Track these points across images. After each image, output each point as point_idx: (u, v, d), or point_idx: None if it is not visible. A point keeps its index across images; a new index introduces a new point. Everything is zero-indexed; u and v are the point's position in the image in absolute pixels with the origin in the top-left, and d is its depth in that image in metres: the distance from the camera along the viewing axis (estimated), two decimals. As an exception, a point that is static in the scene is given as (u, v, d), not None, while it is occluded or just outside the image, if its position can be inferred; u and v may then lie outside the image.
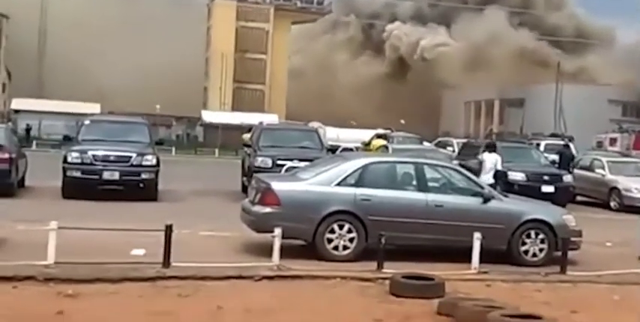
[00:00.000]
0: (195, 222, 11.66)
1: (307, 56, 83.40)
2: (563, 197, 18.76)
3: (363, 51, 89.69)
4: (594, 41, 74.47)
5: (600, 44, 73.33)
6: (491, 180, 16.60)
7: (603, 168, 21.89)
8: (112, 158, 16.91)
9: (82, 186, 16.73)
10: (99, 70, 67.53)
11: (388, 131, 41.45)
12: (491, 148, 17.79)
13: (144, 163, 17.02)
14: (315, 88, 76.62)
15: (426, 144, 32.74)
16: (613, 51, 72.81)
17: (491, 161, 17.05)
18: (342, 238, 10.62)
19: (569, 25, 78.36)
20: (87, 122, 18.94)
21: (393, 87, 78.16)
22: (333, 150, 23.18)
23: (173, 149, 46.29)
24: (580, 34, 77.23)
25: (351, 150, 29.34)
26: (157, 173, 17.22)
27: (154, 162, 17.20)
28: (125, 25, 70.25)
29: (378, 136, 29.98)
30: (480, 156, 17.63)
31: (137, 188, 17.17)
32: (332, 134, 44.37)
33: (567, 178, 20.47)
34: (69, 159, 16.83)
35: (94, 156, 16.84)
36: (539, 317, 7.18)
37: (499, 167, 17.10)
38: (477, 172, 16.54)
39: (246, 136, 33.71)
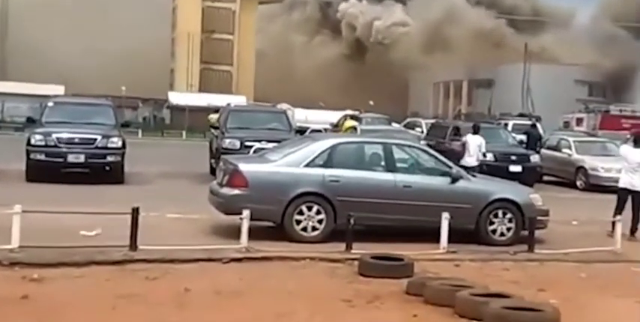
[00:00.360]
0: (163, 205, 11.51)
1: (267, 37, 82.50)
2: (530, 177, 18.93)
3: (321, 31, 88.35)
4: (551, 20, 74.10)
5: (557, 24, 73.11)
6: (475, 163, 16.63)
7: (570, 147, 22.09)
8: (76, 140, 16.66)
9: (47, 169, 16.47)
10: (62, 51, 66.49)
11: (357, 112, 41.42)
12: (475, 130, 17.73)
13: (109, 145, 16.79)
14: (278, 70, 76.01)
15: (394, 125, 32.75)
16: (571, 31, 72.72)
17: (475, 143, 17.04)
18: (310, 219, 10.59)
19: (525, 5, 77.89)
20: (50, 104, 18.60)
21: (356, 68, 77.76)
22: (301, 131, 23.06)
23: (139, 131, 45.84)
24: (537, 13, 76.68)
25: (319, 131, 29.25)
26: (122, 155, 17.01)
27: (120, 144, 16.98)
28: (89, 6, 69.23)
29: (351, 117, 29.91)
30: (463, 138, 17.62)
31: (103, 171, 16.96)
32: (300, 115, 44.19)
33: (534, 158, 20.64)
34: (32, 142, 16.56)
35: (58, 138, 16.59)
36: (507, 296, 7.23)
37: (483, 149, 17.16)
38: (461, 154, 16.59)
39: (213, 117, 33.56)
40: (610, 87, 63.71)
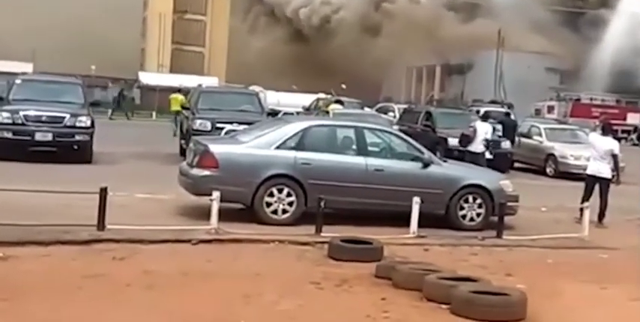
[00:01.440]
0: (132, 185, 11.41)
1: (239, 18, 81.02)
2: (501, 163, 18.98)
3: (260, 16, 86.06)
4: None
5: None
6: (483, 149, 16.90)
7: (541, 134, 22.25)
8: (44, 118, 16.43)
9: (13, 147, 16.21)
10: (31, 28, 65.35)
11: (329, 96, 41.33)
12: (484, 118, 18.14)
13: (78, 124, 16.58)
14: (247, 53, 75.12)
15: (367, 109, 32.73)
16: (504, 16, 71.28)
17: (483, 130, 17.19)
18: (281, 202, 10.55)
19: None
20: (18, 81, 18.29)
21: (319, 53, 76.68)
22: (273, 114, 22.95)
23: (109, 111, 45.31)
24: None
25: (292, 114, 29.16)
26: (91, 135, 16.81)
27: (89, 123, 16.77)
28: (61, -17, 68.06)
29: (336, 101, 29.86)
30: (473, 124, 17.71)
31: (71, 150, 16.75)
32: (273, 98, 44.01)
33: (506, 145, 20.74)
34: (-1, 120, 16.29)
35: (25, 116, 16.34)
36: (475, 280, 7.27)
37: (489, 136, 17.37)
38: (472, 139, 16.90)
39: (174, 96, 33.36)
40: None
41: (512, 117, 25.69)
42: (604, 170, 12.38)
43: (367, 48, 68.59)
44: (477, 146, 16.93)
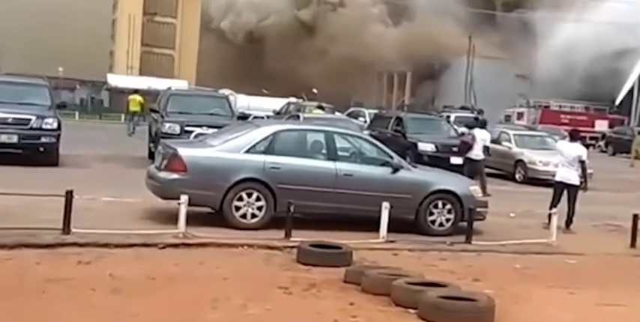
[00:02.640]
0: (98, 188, 11.25)
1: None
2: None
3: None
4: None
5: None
6: (482, 156, 17.25)
7: (510, 141, 22.40)
8: (9, 120, 16.14)
9: (-22, 150, 15.95)
10: (-3, 29, 64.57)
11: (300, 100, 41.34)
12: (482, 125, 18.40)
13: (44, 127, 16.32)
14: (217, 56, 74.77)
15: (337, 114, 32.77)
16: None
17: (482, 137, 17.48)
18: (250, 206, 10.47)
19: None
20: (-17, 83, 18.00)
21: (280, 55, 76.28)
22: (243, 117, 22.86)
23: (76, 113, 44.90)
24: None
25: (262, 118, 29.08)
26: (58, 137, 16.56)
27: (55, 125, 16.52)
28: (29, -17, 67.30)
29: (318, 107, 29.91)
30: (472, 131, 18.03)
31: (37, 152, 16.50)
32: (243, 102, 43.89)
33: (474, 150, 20.80)
34: (-37, 121, 16.00)
35: (-10, 118, 16.06)
36: (443, 285, 7.27)
37: (487, 143, 17.67)
38: (471, 146, 17.20)
39: (134, 97, 33.66)
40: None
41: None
42: (572, 176, 12.48)
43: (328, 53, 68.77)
44: (477, 153, 17.20)
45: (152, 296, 6.83)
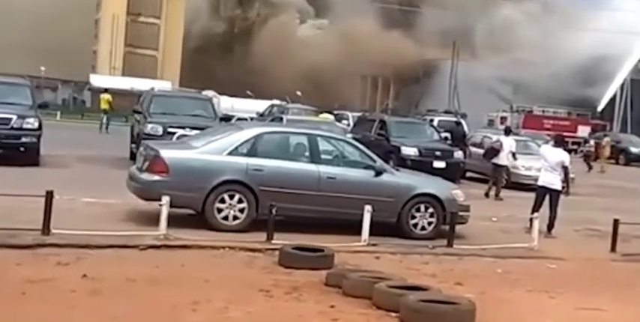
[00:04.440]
0: (79, 189, 11.17)
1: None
2: (453, 172, 19.18)
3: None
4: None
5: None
6: (507, 162, 18.36)
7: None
8: (-11, 120, 16.03)
9: (-43, 149, 15.81)
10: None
11: (284, 102, 41.29)
12: (507, 132, 19.46)
13: (25, 126, 16.23)
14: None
15: (327, 115, 32.73)
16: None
17: (508, 144, 18.39)
18: (232, 208, 10.44)
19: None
20: (-37, 81, 17.85)
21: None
22: (227, 119, 22.83)
23: (58, 113, 44.63)
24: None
25: (245, 120, 29.02)
26: (39, 137, 16.46)
27: (36, 125, 16.43)
28: (11, -19, 66.78)
29: (327, 112, 30.04)
30: (499, 138, 19.02)
31: (17, 152, 16.39)
32: (226, 104, 43.81)
33: (458, 154, 20.94)
34: (-57, 120, 15.85)
35: (-30, 117, 15.93)
36: (424, 289, 7.27)
37: (513, 149, 18.55)
38: (498, 151, 18.23)
39: (103, 96, 34.45)
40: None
41: (464, 126, 25.97)
42: (555, 181, 12.53)
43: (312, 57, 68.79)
44: (503, 159, 18.16)
45: (132, 298, 6.78)
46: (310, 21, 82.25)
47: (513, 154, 18.51)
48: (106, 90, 38.55)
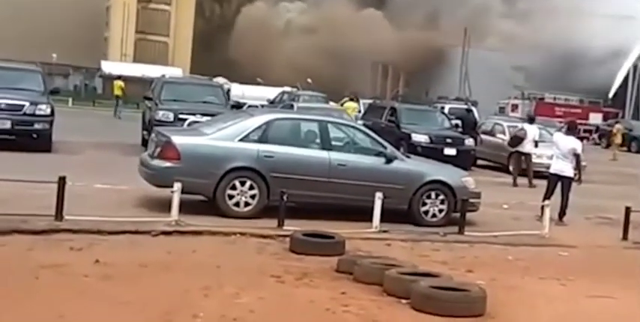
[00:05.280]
0: (91, 175, 11.22)
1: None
2: (464, 160, 19.12)
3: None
4: None
5: None
6: (531, 149, 18.49)
7: (504, 133, 22.40)
8: (2, 106, 16.10)
9: (-30, 135, 15.90)
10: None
11: (294, 89, 41.25)
12: (531, 121, 19.82)
13: (37, 113, 16.30)
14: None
15: (332, 103, 32.70)
16: None
17: (532, 132, 18.62)
18: (243, 195, 10.46)
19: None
20: (-24, 67, 17.91)
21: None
22: (238, 106, 22.81)
23: (70, 100, 44.74)
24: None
25: (256, 107, 29.02)
26: (51, 123, 16.53)
27: (49, 111, 16.50)
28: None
29: (351, 99, 29.88)
30: (522, 126, 19.40)
31: (30, 138, 16.47)
32: (237, 91, 43.82)
33: (469, 142, 20.88)
34: (-44, 106, 15.93)
35: (-17, 103, 16.00)
36: (435, 275, 7.28)
37: (537, 138, 18.82)
38: (522, 139, 18.49)
39: (116, 82, 34.97)
40: None
41: (475, 113, 25.87)
42: (567, 169, 12.49)
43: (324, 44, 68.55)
44: (527, 147, 18.38)
45: (144, 283, 6.82)
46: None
47: (536, 143, 18.68)
48: (119, 77, 39.44)
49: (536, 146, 18.77)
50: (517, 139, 18.77)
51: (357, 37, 67.60)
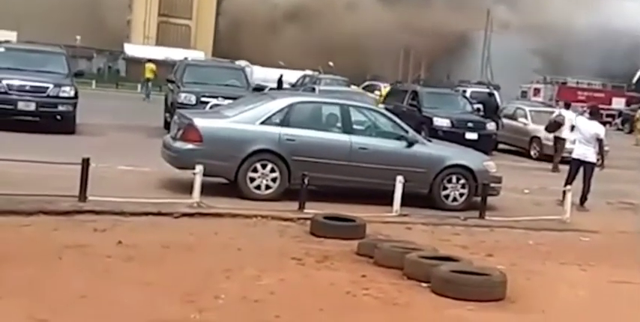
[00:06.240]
0: (114, 157, 11.33)
1: None
2: (486, 144, 19.04)
3: None
4: None
5: None
6: (569, 135, 18.05)
7: (526, 117, 22.28)
8: (27, 88, 16.25)
9: (-4, 116, 16.05)
10: (16, -3, 64.42)
11: (316, 73, 41.19)
12: (568, 106, 19.97)
13: (61, 95, 16.43)
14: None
15: (353, 87, 32.65)
16: None
17: (569, 117, 18.55)
18: (264, 177, 10.51)
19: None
20: (1, 50, 18.01)
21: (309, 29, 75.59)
22: (259, 89, 22.85)
23: (93, 82, 44.98)
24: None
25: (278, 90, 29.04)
26: (74, 105, 16.66)
27: (72, 93, 16.62)
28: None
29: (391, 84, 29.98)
30: (560, 111, 19.44)
31: (54, 120, 16.60)
32: (259, 74, 43.82)
33: (490, 126, 20.79)
34: (-19, 88, 16.09)
35: (8, 85, 16.16)
36: (456, 259, 7.28)
37: (573, 122, 18.26)
38: (560, 125, 18.62)
39: (147, 65, 35.09)
40: None
41: (498, 98, 25.71)
42: (589, 154, 12.41)
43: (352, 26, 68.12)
44: (565, 132, 18.35)
45: (166, 264, 6.89)
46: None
47: (572, 127, 18.48)
48: (150, 60, 40.02)
49: (572, 130, 18.71)
50: (556, 125, 18.77)
51: (377, 20, 67.25)
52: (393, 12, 69.16)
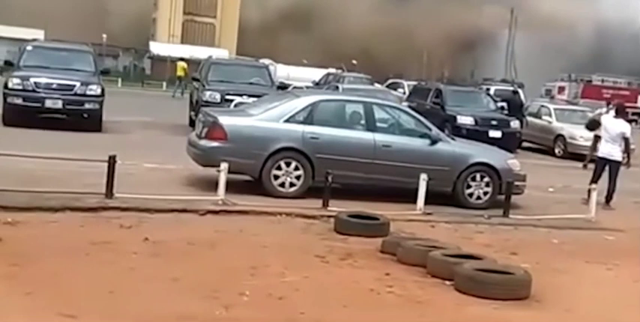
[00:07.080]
0: (140, 154, 11.43)
1: None
2: (509, 142, 18.99)
3: None
4: None
5: None
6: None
7: (550, 115, 22.16)
8: (54, 86, 16.43)
9: (24, 114, 16.25)
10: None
11: (339, 71, 41.17)
12: (608, 105, 19.59)
13: (88, 93, 16.59)
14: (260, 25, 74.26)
15: (377, 85, 32.62)
16: None
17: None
18: (288, 175, 10.56)
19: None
20: (29, 48, 18.25)
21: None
22: (283, 87, 22.92)
23: (119, 80, 45.32)
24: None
25: (301, 88, 29.08)
26: (101, 103, 16.82)
27: (99, 91, 16.78)
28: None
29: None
30: (601, 111, 18.96)
31: (81, 118, 16.79)
32: (283, 72, 43.90)
33: (514, 124, 20.71)
34: (10, 86, 16.31)
35: (36, 83, 16.35)
36: (479, 258, 7.28)
37: None
38: (600, 123, 18.18)
39: (179, 63, 35.25)
40: None
41: (522, 96, 25.59)
42: (615, 152, 12.33)
43: (378, 24, 68.02)
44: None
45: (191, 261, 6.95)
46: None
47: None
48: (182, 59, 40.79)
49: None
50: (596, 123, 18.56)
51: (402, 18, 67.09)
52: (418, 9, 68.96)
